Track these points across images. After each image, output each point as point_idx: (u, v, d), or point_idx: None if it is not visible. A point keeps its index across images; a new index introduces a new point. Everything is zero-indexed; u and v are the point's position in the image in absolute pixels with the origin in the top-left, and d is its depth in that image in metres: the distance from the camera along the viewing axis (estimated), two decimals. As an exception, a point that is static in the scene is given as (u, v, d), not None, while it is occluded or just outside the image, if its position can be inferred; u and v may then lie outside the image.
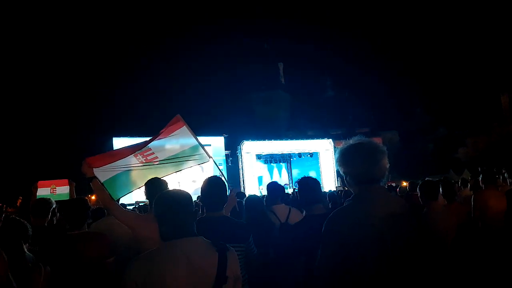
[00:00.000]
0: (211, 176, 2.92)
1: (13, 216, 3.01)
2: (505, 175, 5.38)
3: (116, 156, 3.97)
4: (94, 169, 3.62)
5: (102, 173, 3.77)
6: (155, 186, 3.34)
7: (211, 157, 4.43)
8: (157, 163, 4.26)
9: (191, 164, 4.45)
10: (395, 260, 1.84)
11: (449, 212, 3.99)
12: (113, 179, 3.94)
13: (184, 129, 4.30)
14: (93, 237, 3.27)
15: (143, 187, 3.53)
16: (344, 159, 2.03)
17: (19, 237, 2.74)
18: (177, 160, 4.37)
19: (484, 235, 4.68)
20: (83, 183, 3.56)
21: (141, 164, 4.18)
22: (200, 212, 3.45)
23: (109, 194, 3.50)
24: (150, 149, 4.20)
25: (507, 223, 4.59)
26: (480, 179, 5.27)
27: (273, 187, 4.31)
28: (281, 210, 4.09)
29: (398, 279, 1.84)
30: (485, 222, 4.75)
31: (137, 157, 4.14)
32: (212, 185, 2.82)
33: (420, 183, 4.06)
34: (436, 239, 3.59)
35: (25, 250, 2.72)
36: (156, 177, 3.59)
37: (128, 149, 4.11)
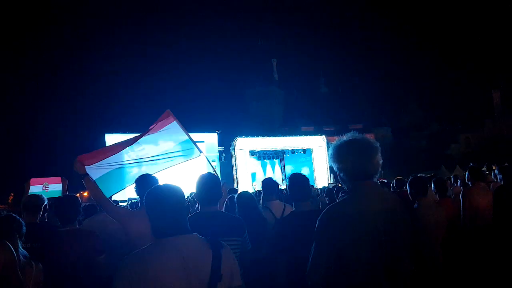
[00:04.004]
0: (206, 173, 2.93)
1: (6, 212, 3.00)
2: (496, 171, 5.41)
3: (107, 153, 3.96)
4: (86, 167, 3.61)
5: (94, 171, 3.76)
6: (145, 182, 3.33)
7: (202, 152, 4.42)
8: (148, 159, 4.25)
9: (183, 160, 4.44)
10: (389, 254, 1.85)
11: (440, 208, 4.01)
12: (106, 176, 3.93)
13: (175, 124, 4.29)
14: (84, 234, 3.27)
15: (134, 184, 3.52)
16: (338, 156, 2.03)
17: (15, 233, 2.73)
18: (168, 156, 4.36)
19: (472, 231, 4.73)
20: (76, 181, 3.55)
21: (133, 161, 4.17)
22: (197, 206, 3.46)
23: (101, 191, 3.49)
24: (141, 145, 4.19)
25: (495, 219, 4.64)
26: (467, 176, 5.31)
27: (269, 184, 4.31)
28: (276, 206, 4.10)
29: (392, 273, 1.85)
30: (473, 218, 4.80)
31: (128, 153, 4.13)
32: (207, 181, 2.85)
33: (410, 179, 4.07)
34: (427, 234, 3.62)
35: (20, 246, 2.71)
36: (147, 173, 3.58)
37: (119, 146, 4.10)
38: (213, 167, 4.27)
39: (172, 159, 4.36)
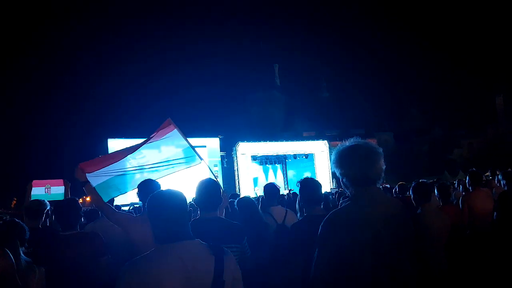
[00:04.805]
0: (205, 178, 2.93)
1: (8, 216, 3.00)
2: (499, 176, 5.39)
3: (108, 161, 3.98)
4: (87, 174, 3.63)
5: (95, 178, 3.79)
6: (148, 188, 3.34)
7: (203, 159, 4.44)
8: (149, 166, 4.27)
9: (184, 167, 4.46)
10: (392, 259, 1.84)
11: (443, 213, 4.00)
12: (106, 183, 3.95)
13: (175, 132, 4.31)
14: (86, 237, 3.27)
15: (136, 189, 3.54)
16: (341, 161, 2.02)
17: (17, 239, 2.73)
18: (169, 163, 4.38)
19: (472, 236, 4.72)
20: (78, 184, 3.57)
21: (133, 168, 4.19)
22: (199, 212, 3.46)
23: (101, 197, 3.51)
24: (141, 152, 4.21)
25: (498, 223, 4.62)
26: (467, 181, 5.30)
27: (271, 189, 4.32)
28: (278, 211, 4.10)
29: (395, 278, 1.84)
30: (473, 223, 4.80)
31: (129, 161, 4.15)
32: (206, 186, 2.85)
33: (413, 184, 4.06)
34: (430, 239, 3.61)
35: (21, 252, 2.71)
36: (150, 179, 3.60)
37: (120, 153, 4.12)
38: (213, 174, 4.27)
39: (173, 166, 4.39)
